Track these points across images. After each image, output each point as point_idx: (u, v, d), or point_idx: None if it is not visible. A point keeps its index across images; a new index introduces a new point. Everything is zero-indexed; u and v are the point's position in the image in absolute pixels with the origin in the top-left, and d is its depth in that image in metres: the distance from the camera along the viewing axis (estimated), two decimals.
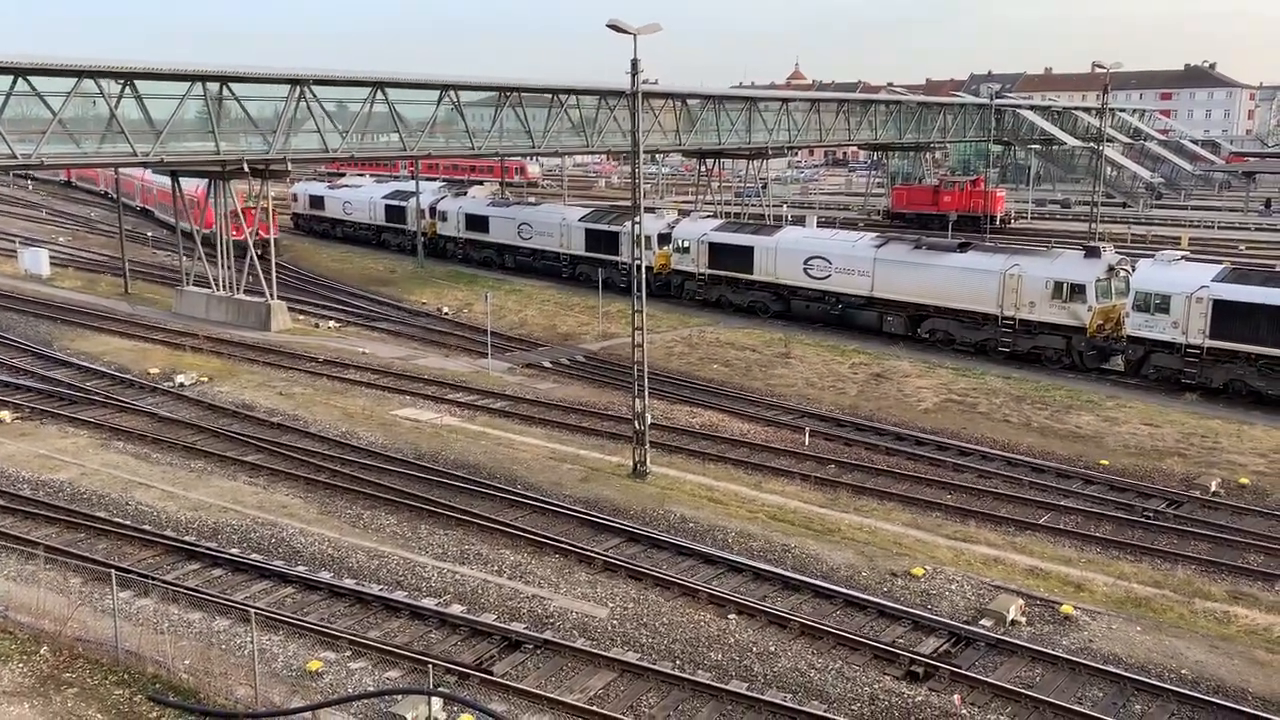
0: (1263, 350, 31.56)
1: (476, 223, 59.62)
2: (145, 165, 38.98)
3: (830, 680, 16.90)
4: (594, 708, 15.81)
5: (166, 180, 46.22)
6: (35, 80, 32.50)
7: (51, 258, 55.45)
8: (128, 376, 34.54)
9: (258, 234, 44.11)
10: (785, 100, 63.80)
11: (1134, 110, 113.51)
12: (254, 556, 21.05)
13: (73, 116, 34.79)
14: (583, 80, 49.44)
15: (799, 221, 62.36)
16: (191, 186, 48.17)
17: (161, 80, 35.84)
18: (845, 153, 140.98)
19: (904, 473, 27.20)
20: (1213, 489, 26.02)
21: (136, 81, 34.72)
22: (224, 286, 44.82)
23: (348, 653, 17.32)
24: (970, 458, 28.57)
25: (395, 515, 23.36)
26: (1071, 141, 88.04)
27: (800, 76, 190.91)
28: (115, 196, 60.02)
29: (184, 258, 47.63)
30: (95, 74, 33.39)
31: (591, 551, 21.28)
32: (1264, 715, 15.82)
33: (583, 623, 18.65)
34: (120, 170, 66.69)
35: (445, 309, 48.60)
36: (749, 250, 45.39)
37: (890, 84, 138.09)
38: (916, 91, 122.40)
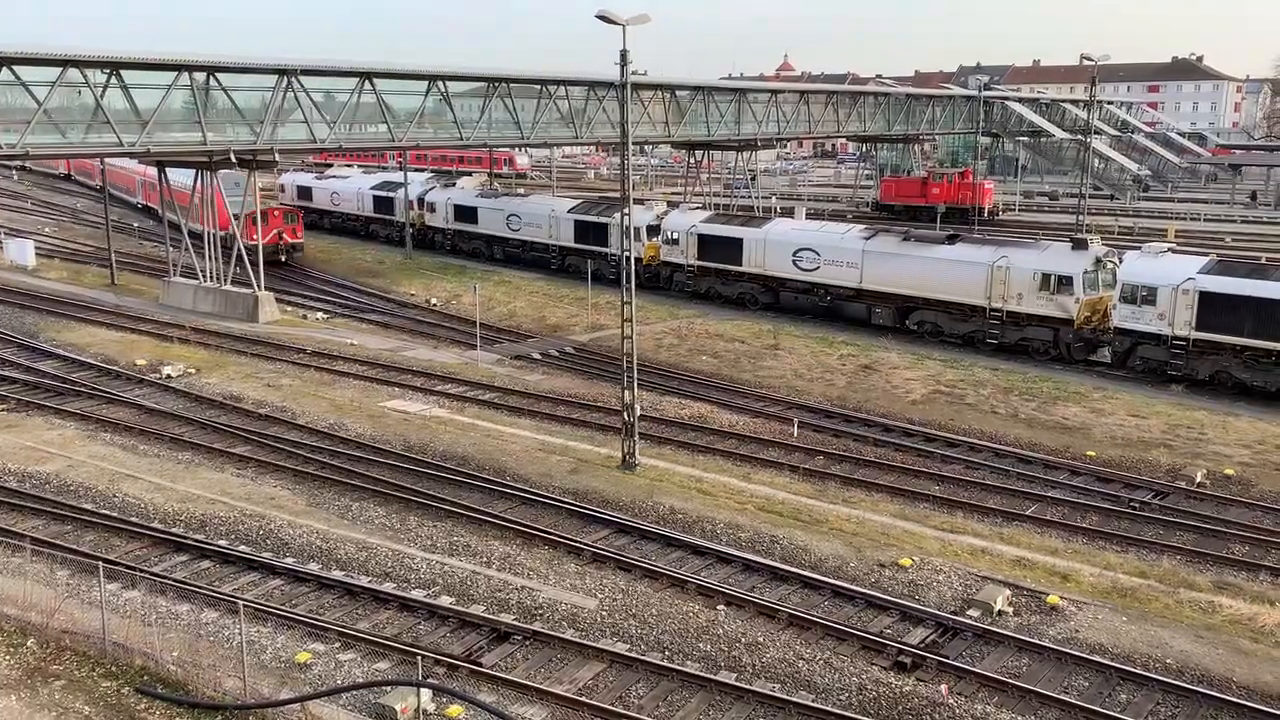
0: (1248, 342, 31.74)
1: (465, 214, 59.46)
2: (131, 156, 38.79)
3: (818, 670, 16.98)
4: (583, 698, 15.86)
5: (170, 176, 45.68)
6: (20, 70, 32.25)
7: (37, 248, 55.09)
8: (114, 368, 34.40)
9: (284, 238, 42.96)
10: (774, 92, 63.74)
11: (1121, 103, 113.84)
12: (242, 548, 21.03)
13: (58, 106, 34.55)
14: (571, 71, 49.25)
15: (788, 213, 62.44)
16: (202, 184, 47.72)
17: (147, 70, 35.60)
18: (834, 144, 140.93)
19: (892, 464, 27.30)
20: (1198, 480, 26.15)
21: (122, 71, 34.49)
22: (211, 277, 44.63)
23: (337, 644, 17.33)
24: (958, 449, 28.68)
25: (384, 507, 23.35)
26: (1059, 134, 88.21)
27: (789, 68, 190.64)
28: (102, 186, 59.56)
29: (171, 248, 47.40)
30: (80, 63, 33.13)
31: (580, 543, 21.31)
32: (1248, 704, 15.97)
33: (571, 614, 18.68)
34: (121, 166, 66.41)
35: (434, 300, 48.49)
36: (738, 242, 45.40)
37: (879, 76, 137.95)
38: (905, 83, 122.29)
